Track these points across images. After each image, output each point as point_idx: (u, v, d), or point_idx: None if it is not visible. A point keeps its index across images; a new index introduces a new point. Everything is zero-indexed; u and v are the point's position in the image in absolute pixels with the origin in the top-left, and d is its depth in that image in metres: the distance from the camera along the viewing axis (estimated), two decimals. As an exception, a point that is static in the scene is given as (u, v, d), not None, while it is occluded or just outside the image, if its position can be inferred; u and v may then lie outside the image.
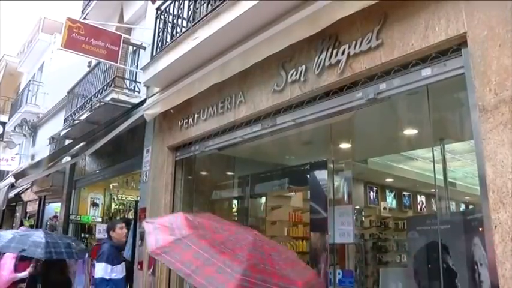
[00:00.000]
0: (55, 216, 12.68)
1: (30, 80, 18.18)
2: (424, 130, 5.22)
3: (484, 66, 2.99)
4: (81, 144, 9.45)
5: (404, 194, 10.02)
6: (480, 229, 4.33)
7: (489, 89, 2.93)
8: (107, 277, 5.21)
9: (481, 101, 2.98)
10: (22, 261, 6.59)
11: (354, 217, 6.00)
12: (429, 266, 5.02)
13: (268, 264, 2.27)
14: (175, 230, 2.37)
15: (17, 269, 6.61)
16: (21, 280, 6.59)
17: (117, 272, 5.36)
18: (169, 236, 2.32)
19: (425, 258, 5.08)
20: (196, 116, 6.21)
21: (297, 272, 2.42)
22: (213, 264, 2.09)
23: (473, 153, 3.13)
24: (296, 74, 4.58)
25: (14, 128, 18.31)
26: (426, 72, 3.57)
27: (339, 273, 5.53)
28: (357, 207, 7.52)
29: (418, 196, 10.37)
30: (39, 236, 6.37)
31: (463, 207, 8.63)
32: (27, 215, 15.81)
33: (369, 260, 7.88)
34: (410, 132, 5.98)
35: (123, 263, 5.61)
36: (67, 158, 10.28)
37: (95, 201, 11.62)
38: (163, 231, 2.45)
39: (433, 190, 8.64)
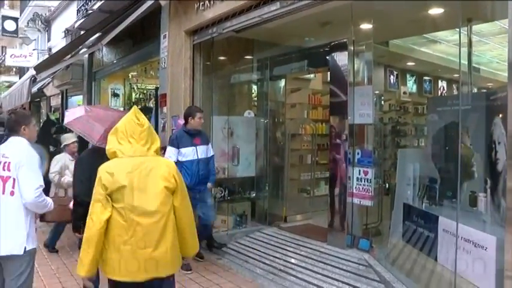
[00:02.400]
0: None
1: (35, -29, 17.53)
2: (451, 9, 4.98)
3: None
4: (97, 34, 9.36)
5: (425, 79, 9.86)
6: (502, 108, 4.32)
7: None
8: (174, 159, 5.32)
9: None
10: None
11: (374, 99, 6.00)
12: (447, 146, 5.08)
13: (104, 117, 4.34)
14: (75, 113, 4.59)
15: None
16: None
17: (186, 155, 5.47)
18: (72, 115, 4.55)
19: (444, 138, 5.12)
20: (212, -4, 6.00)
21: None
22: (83, 123, 4.36)
23: (502, 36, 2.97)
24: None
25: (27, 23, 18.11)
26: None
27: (358, 153, 5.67)
28: (377, 92, 7.46)
29: (439, 81, 10.21)
30: None
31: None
32: (52, 109, 16.16)
33: (387, 143, 8.00)
34: (435, 11, 5.70)
35: (198, 147, 5.57)
36: (84, 50, 10.25)
37: (115, 91, 11.71)
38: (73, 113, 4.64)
39: (455, 75, 8.53)
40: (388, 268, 4.79)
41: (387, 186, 6.58)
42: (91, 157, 4.11)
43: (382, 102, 8.33)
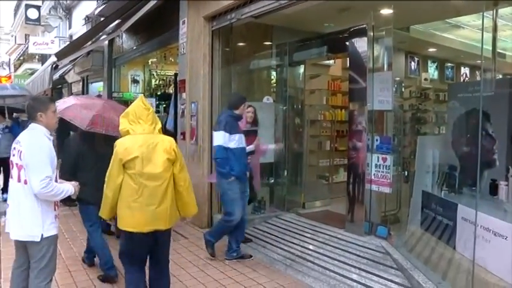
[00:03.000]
0: (99, 95, 13.10)
1: (54, -41, 17.63)
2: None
3: None
4: (117, 21, 9.41)
5: (447, 65, 9.69)
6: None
7: None
8: (226, 145, 5.10)
9: None
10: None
11: (394, 87, 5.93)
12: (468, 133, 5.01)
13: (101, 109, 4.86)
14: (66, 102, 5.03)
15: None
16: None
17: (236, 141, 5.18)
18: (63, 104, 4.88)
19: (465, 125, 5.05)
20: (230, -18, 5.97)
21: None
22: (73, 111, 4.78)
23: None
24: None
25: (49, 10, 18.34)
26: None
27: (376, 140, 5.63)
28: (397, 78, 7.37)
29: (462, 68, 10.02)
30: None
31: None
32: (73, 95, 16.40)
33: (407, 130, 7.91)
34: (459, -5, 5.58)
35: (241, 134, 5.30)
36: (104, 37, 10.33)
37: (135, 78, 11.78)
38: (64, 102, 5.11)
39: (479, 61, 8.31)
40: (405, 255, 4.78)
41: (406, 173, 6.53)
42: (76, 141, 4.73)
43: (403, 89, 8.22)
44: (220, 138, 5.10)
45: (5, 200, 8.08)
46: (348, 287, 4.46)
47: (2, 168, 8.59)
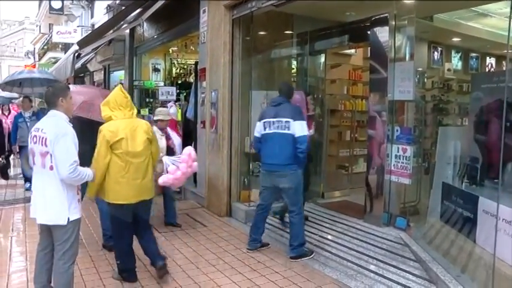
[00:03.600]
0: (120, 83, 13.24)
1: None
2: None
3: None
4: (138, 10, 9.47)
5: (471, 56, 9.47)
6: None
7: None
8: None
9: None
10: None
11: (416, 77, 5.84)
12: (491, 125, 4.91)
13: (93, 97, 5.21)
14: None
15: None
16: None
17: None
18: None
19: (488, 116, 4.95)
20: (251, -30, 5.93)
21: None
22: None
23: None
24: None
25: (72, 0, 18.59)
26: None
27: (397, 130, 5.57)
28: (420, 69, 7.26)
29: (487, 58, 9.78)
30: None
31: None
32: (95, 83, 16.60)
33: (428, 121, 7.80)
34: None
35: None
36: (125, 26, 10.41)
37: (156, 66, 11.83)
38: None
39: (505, 51, 8.09)
40: (424, 247, 4.75)
41: (427, 165, 6.45)
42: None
43: (425, 79, 8.09)
44: (306, 128, 4.88)
45: (27, 189, 8.29)
46: (366, 277, 4.45)
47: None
